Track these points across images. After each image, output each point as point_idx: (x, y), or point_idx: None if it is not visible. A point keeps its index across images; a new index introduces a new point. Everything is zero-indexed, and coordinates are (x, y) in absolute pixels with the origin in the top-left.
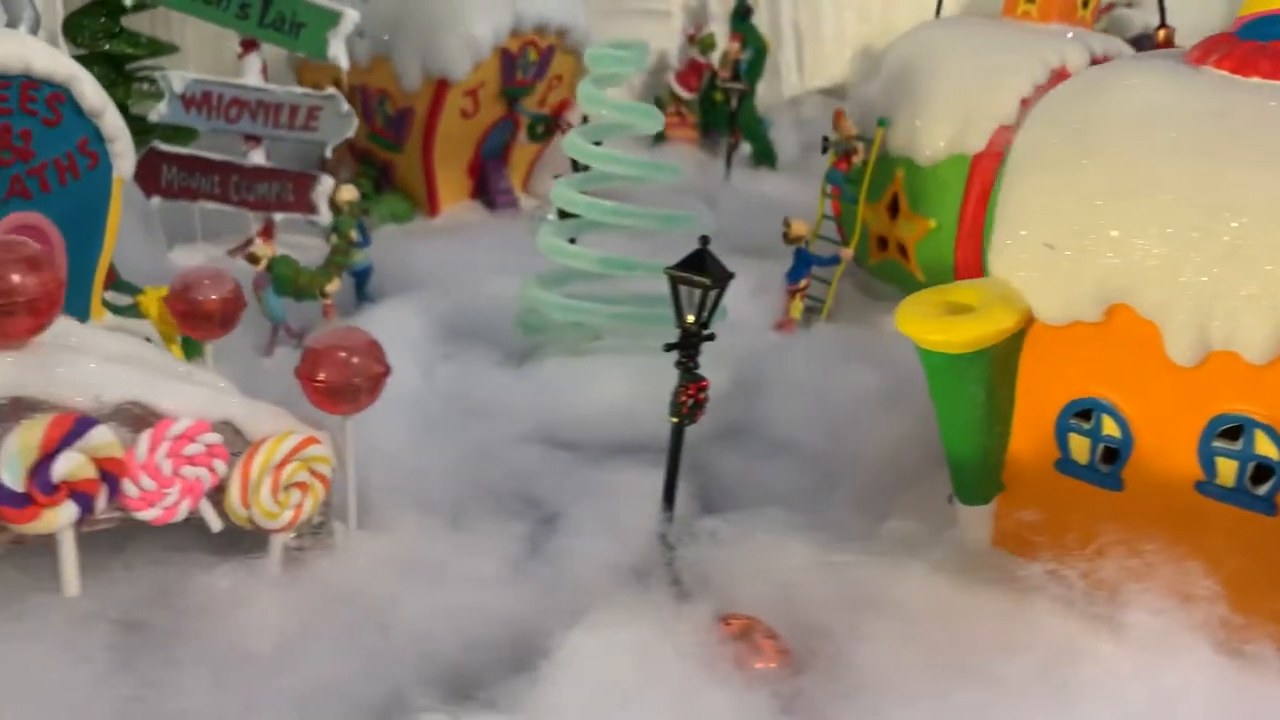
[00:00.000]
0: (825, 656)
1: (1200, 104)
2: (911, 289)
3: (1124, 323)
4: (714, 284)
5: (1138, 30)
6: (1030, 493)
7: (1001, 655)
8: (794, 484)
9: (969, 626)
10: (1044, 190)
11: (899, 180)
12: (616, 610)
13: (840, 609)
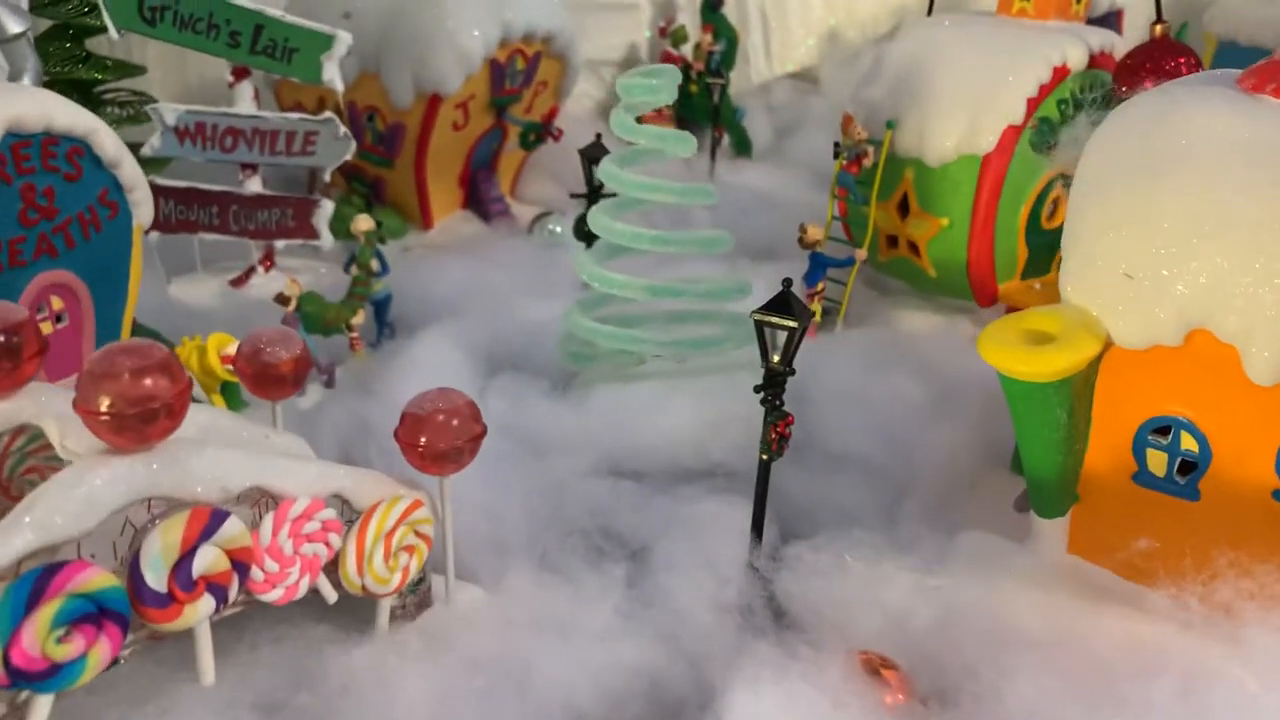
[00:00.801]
0: (966, 692)
1: (1267, 134)
2: (923, 284)
3: (1203, 346)
4: (800, 325)
5: (1104, 9)
6: (1107, 504)
7: (1139, 681)
8: (863, 501)
9: (1098, 652)
10: (1116, 220)
11: (908, 180)
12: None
13: (961, 637)
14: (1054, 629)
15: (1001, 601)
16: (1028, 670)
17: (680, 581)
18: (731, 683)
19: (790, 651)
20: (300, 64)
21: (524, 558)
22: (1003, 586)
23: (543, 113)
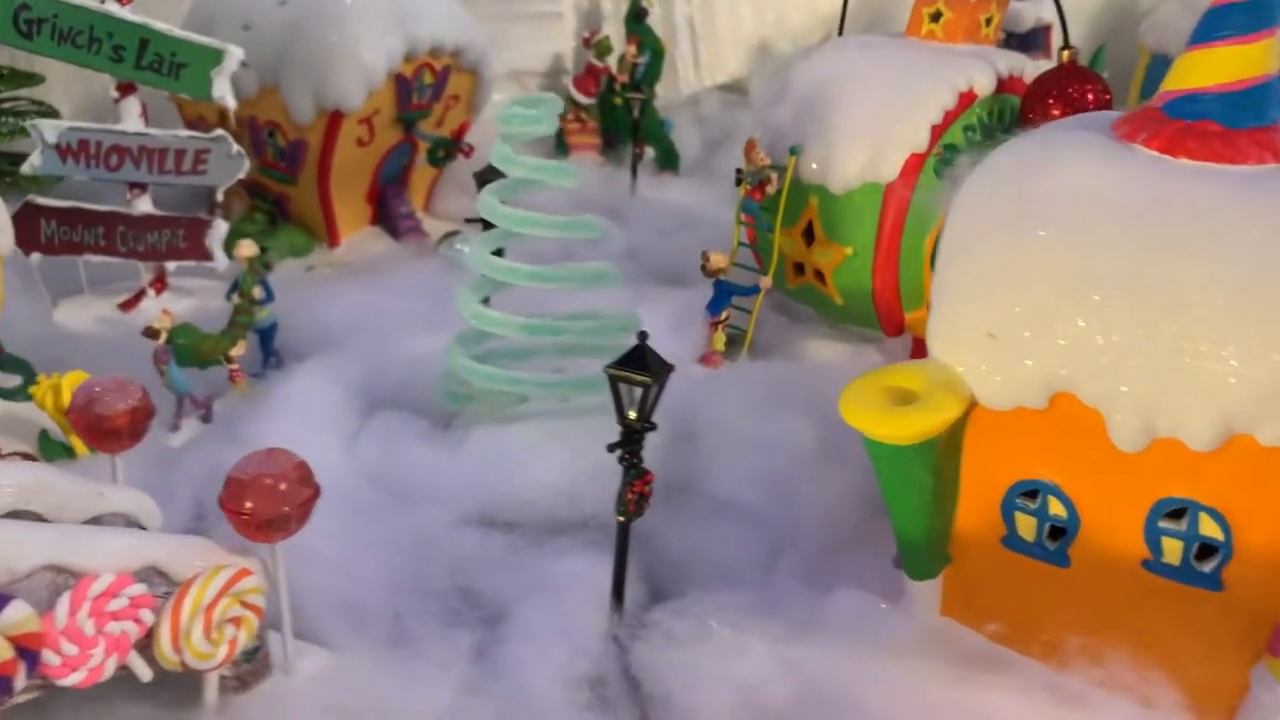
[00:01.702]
0: None
1: (1136, 190)
2: (831, 313)
3: (1068, 410)
4: (654, 380)
5: (1030, 25)
6: (977, 567)
7: None
8: (740, 553)
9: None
10: (981, 276)
11: (813, 207)
12: None
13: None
14: (913, 704)
15: (862, 672)
16: None
17: (533, 652)
18: None
19: None
20: (189, 80)
21: (375, 623)
22: (866, 655)
23: (454, 127)
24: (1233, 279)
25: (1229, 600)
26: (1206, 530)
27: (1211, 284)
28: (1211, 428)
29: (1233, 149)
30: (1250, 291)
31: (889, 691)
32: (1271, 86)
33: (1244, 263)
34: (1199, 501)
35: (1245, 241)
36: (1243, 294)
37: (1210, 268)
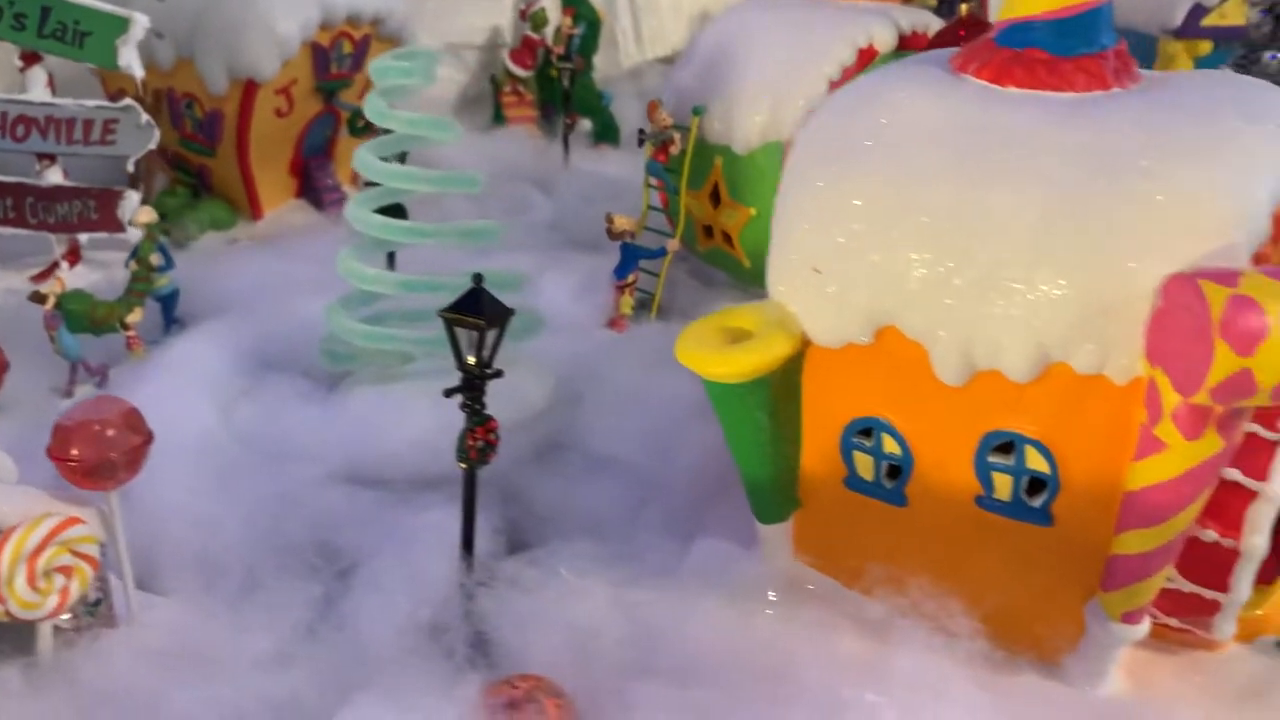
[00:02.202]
0: (609, 715)
1: (958, 120)
2: (740, 275)
3: (894, 344)
4: (489, 324)
5: None
6: (824, 509)
7: (774, 710)
8: (609, 506)
9: (744, 679)
10: (806, 212)
11: (718, 168)
12: (399, 681)
13: (629, 661)
14: (738, 643)
15: (694, 614)
16: (663, 704)
17: (377, 601)
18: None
19: (446, 673)
20: (93, 48)
21: (228, 576)
22: (704, 598)
23: None
24: (1041, 205)
25: (1060, 535)
26: (1034, 464)
27: (1020, 211)
28: (1027, 357)
29: (1058, 76)
30: (1057, 217)
31: (716, 631)
32: (1102, 12)
33: (1052, 190)
34: (1024, 435)
35: (1054, 169)
36: (1050, 220)
37: (1019, 195)
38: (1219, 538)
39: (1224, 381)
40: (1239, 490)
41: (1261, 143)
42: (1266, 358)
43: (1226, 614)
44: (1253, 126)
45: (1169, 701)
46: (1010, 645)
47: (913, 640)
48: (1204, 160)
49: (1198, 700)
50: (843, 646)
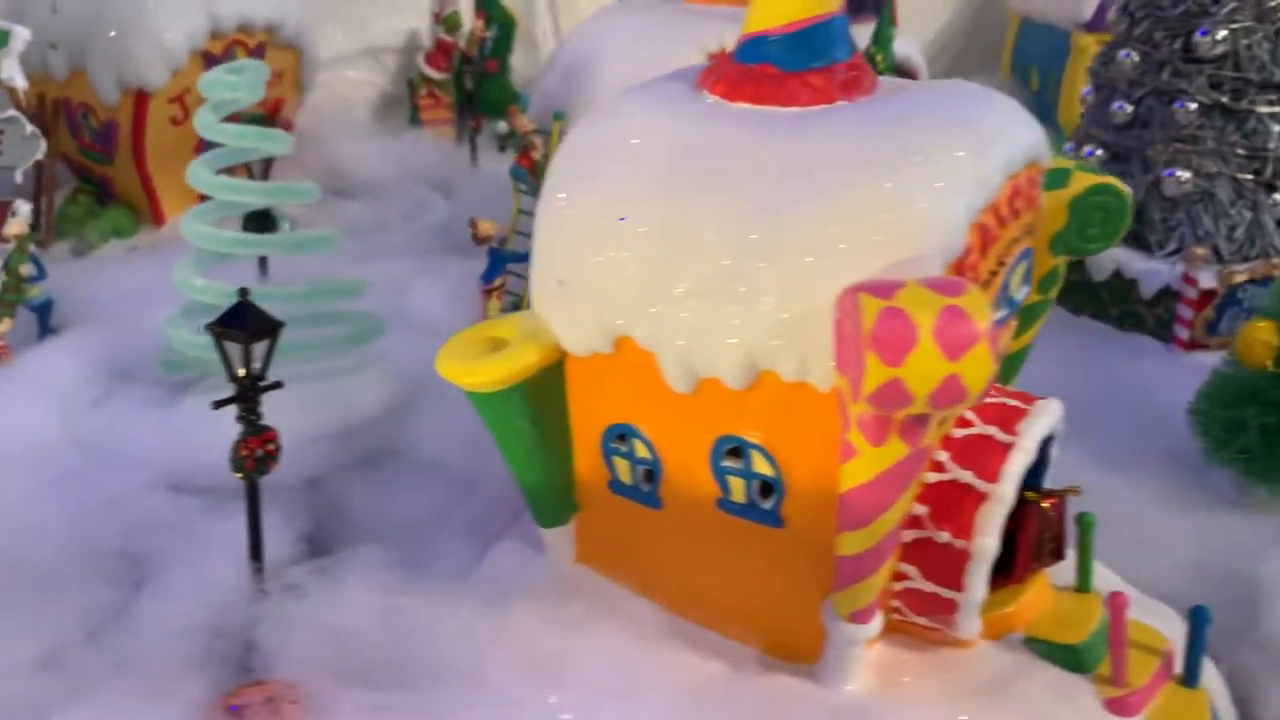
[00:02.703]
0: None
1: (680, 136)
2: None
3: (631, 353)
4: (252, 337)
5: None
6: (597, 513)
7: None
8: (422, 512)
9: (451, 680)
10: (551, 226)
11: None
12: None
13: (374, 664)
14: (504, 649)
15: (461, 618)
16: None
17: (162, 608)
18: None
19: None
20: None
21: (30, 582)
22: (458, 607)
23: (282, 104)
24: (742, 218)
25: (791, 537)
26: (760, 468)
27: (723, 225)
28: (737, 365)
29: (784, 91)
30: (756, 229)
31: (467, 634)
32: (832, 26)
33: (755, 204)
34: (748, 439)
35: (757, 182)
36: (749, 232)
37: (725, 209)
38: (952, 539)
39: (877, 390)
40: (971, 492)
41: (962, 155)
42: (915, 368)
43: (965, 613)
44: (957, 139)
45: (906, 698)
46: (764, 645)
47: (662, 640)
48: (896, 173)
49: (936, 696)
50: (583, 645)
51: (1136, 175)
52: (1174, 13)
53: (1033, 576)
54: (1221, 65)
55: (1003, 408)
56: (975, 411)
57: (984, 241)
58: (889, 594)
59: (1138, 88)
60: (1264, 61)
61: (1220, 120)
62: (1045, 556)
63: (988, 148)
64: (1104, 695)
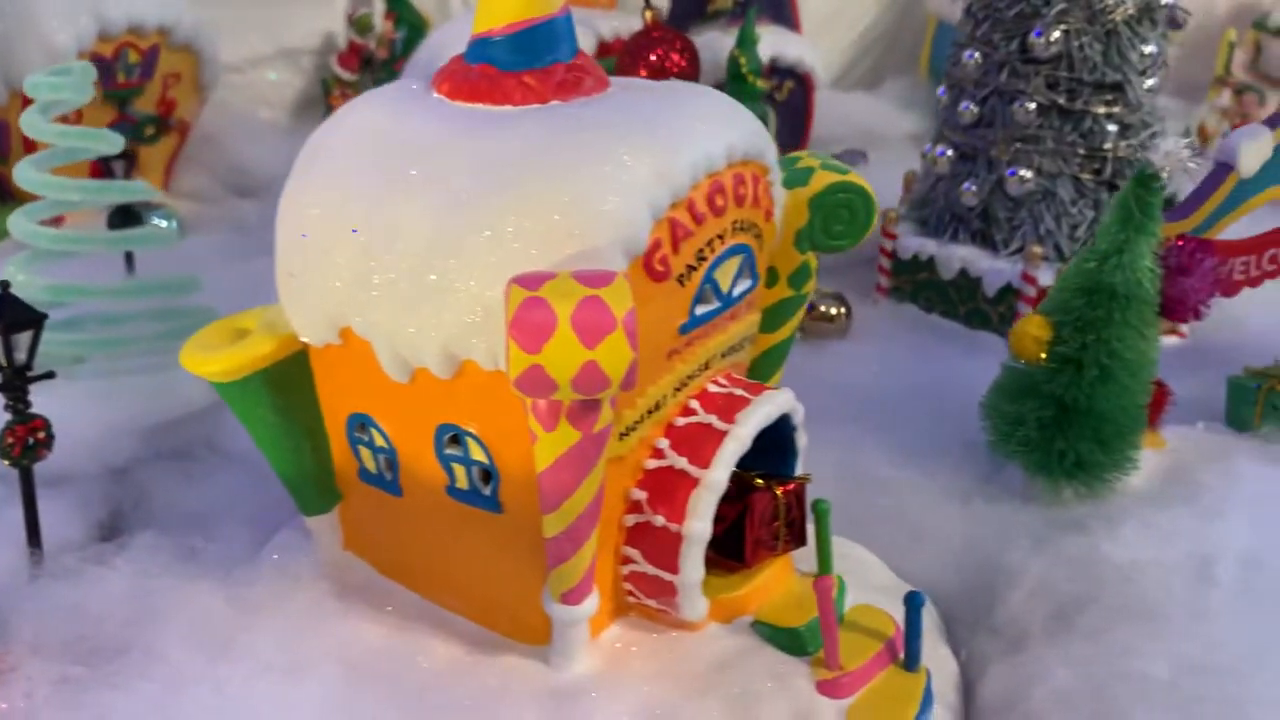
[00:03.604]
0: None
1: (394, 134)
2: None
3: (355, 344)
4: (10, 328)
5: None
6: (354, 501)
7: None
8: (222, 501)
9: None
10: (283, 220)
11: None
12: None
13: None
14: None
15: (195, 600)
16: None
17: None
18: None
19: None
20: None
21: None
22: (211, 587)
23: (182, 105)
24: (437, 214)
25: (511, 521)
26: (476, 455)
27: (421, 220)
28: (438, 356)
29: (499, 91)
30: (446, 224)
31: (197, 617)
32: (553, 26)
33: (447, 199)
34: (462, 427)
35: (455, 179)
36: (440, 227)
37: (421, 205)
38: (667, 523)
39: (521, 376)
40: (685, 478)
41: (647, 153)
42: (553, 355)
43: (684, 595)
44: (645, 137)
45: (625, 678)
46: (504, 628)
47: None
48: (575, 170)
49: (654, 677)
50: (265, 623)
51: (982, 175)
52: (1010, 14)
53: (767, 561)
54: (1057, 66)
55: (730, 398)
56: (700, 400)
57: (676, 237)
58: (622, 577)
59: (982, 88)
60: (1096, 62)
61: (1058, 120)
62: (782, 542)
63: (679, 146)
64: (818, 677)
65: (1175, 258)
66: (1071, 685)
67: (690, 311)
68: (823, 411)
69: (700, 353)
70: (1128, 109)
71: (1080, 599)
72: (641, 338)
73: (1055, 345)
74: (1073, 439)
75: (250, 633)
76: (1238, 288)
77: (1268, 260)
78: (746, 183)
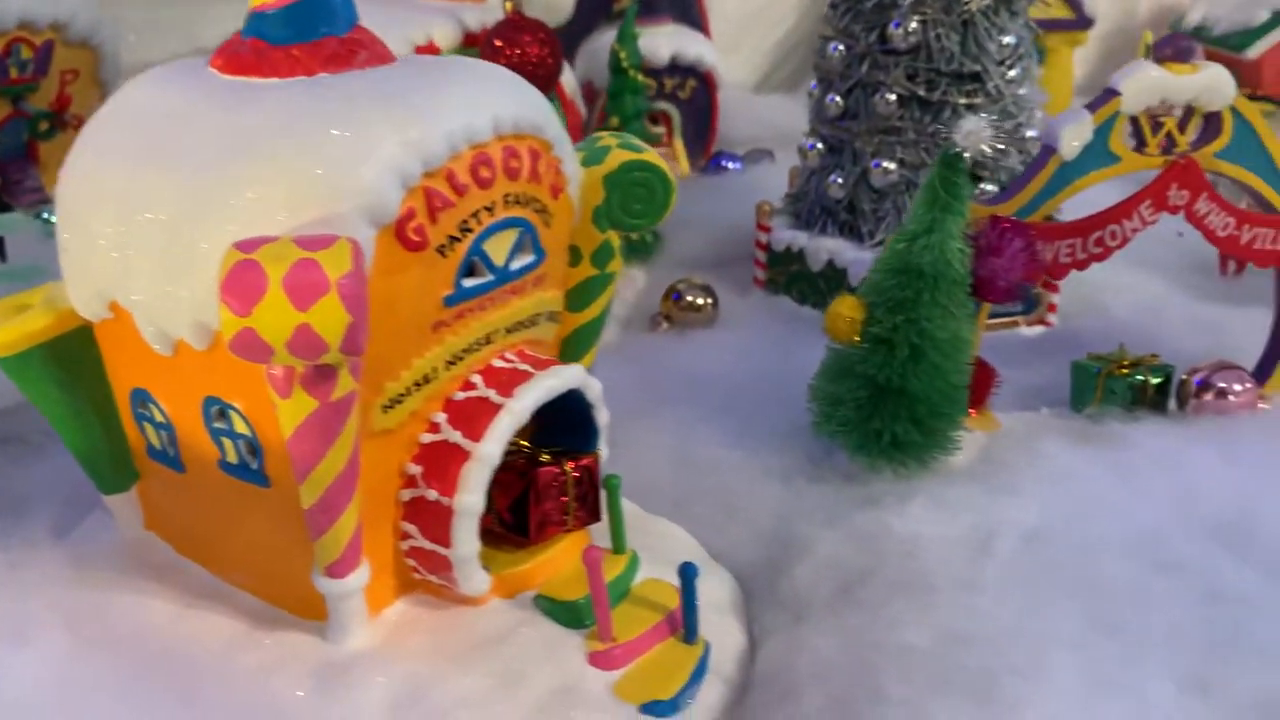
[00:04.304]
0: None
1: (162, 107)
2: None
3: (124, 316)
4: None
5: None
6: (148, 479)
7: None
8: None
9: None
10: (59, 192)
11: None
12: None
13: None
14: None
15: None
16: None
17: None
18: None
19: None
20: None
21: None
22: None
23: (84, 101)
24: (184, 185)
25: (278, 494)
26: (240, 428)
27: (171, 191)
28: (191, 327)
29: (266, 64)
30: (194, 195)
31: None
32: (327, 1)
33: (195, 171)
34: (224, 400)
35: (205, 151)
36: (189, 198)
37: (172, 176)
38: (440, 497)
39: (234, 340)
40: (458, 451)
41: (396, 122)
42: (264, 317)
43: (461, 569)
44: (396, 107)
45: (397, 653)
46: (286, 604)
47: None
48: (319, 138)
49: (428, 651)
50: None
51: (848, 167)
52: (869, 5)
53: (556, 537)
54: (916, 57)
55: (513, 372)
56: (482, 375)
57: (433, 207)
58: (403, 553)
59: (846, 80)
60: (953, 53)
61: (918, 111)
62: (573, 518)
63: (435, 116)
64: (589, 649)
65: (985, 238)
66: (834, 656)
67: (456, 283)
68: (667, 396)
69: (476, 326)
70: (988, 99)
71: (863, 572)
72: (400, 308)
73: (869, 326)
74: (888, 419)
75: (31, 613)
76: (1064, 271)
77: (1094, 243)
78: (521, 156)
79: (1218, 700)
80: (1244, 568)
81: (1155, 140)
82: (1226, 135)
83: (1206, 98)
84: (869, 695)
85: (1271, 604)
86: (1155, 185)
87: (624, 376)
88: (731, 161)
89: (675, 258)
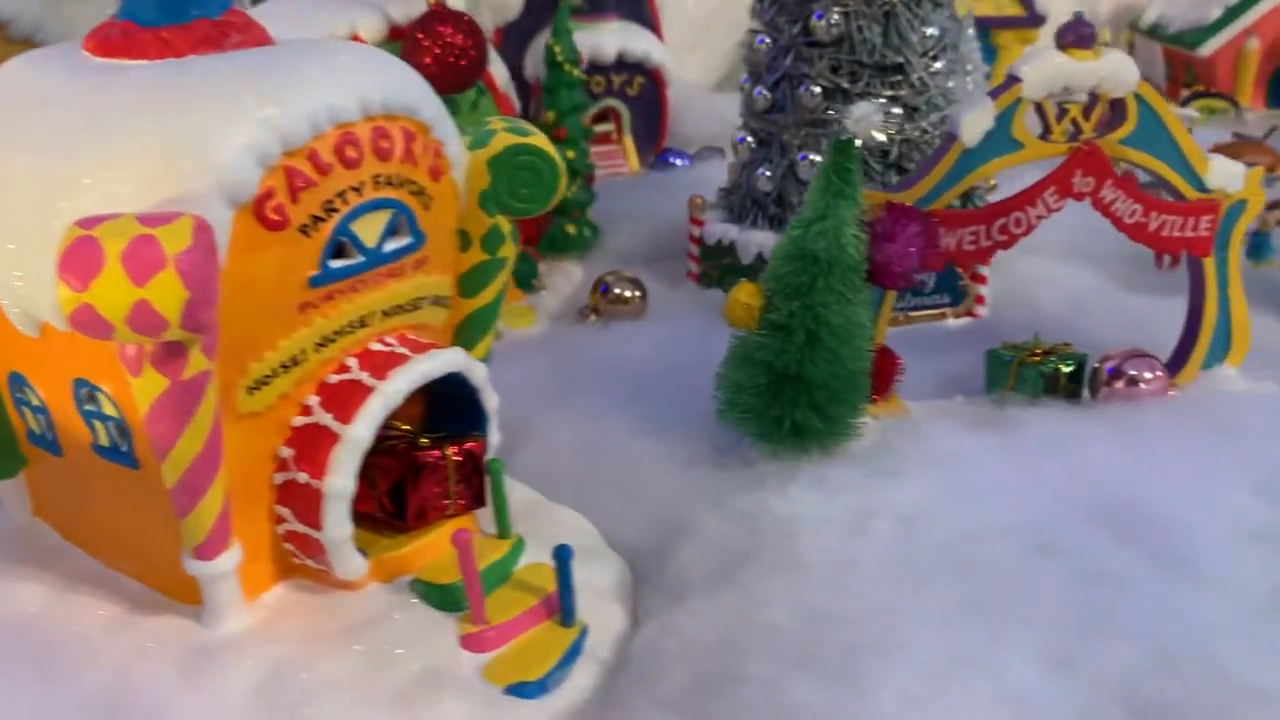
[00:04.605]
0: None
1: (29, 89)
2: None
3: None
4: None
5: None
6: (33, 465)
7: None
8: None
9: None
10: None
11: None
12: None
13: None
14: None
15: None
16: None
17: None
18: None
19: None
20: None
21: None
22: None
23: None
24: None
25: (147, 476)
26: (108, 410)
27: (26, 169)
28: (51, 306)
29: (135, 46)
30: (48, 173)
31: None
32: None
33: (52, 152)
34: (91, 381)
35: (64, 132)
36: (43, 177)
37: (27, 155)
38: (310, 480)
39: (73, 315)
40: (328, 434)
41: (252, 101)
42: (101, 293)
43: (334, 553)
44: (254, 87)
45: (270, 636)
46: (164, 588)
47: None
48: (178, 119)
49: (301, 634)
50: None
51: (776, 160)
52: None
53: (436, 522)
54: (839, 49)
55: (390, 355)
56: (357, 358)
57: (294, 186)
58: (281, 537)
59: (773, 73)
60: (875, 44)
61: (842, 103)
62: (455, 502)
63: (296, 96)
64: (462, 632)
65: (880, 224)
66: (703, 636)
67: (322, 264)
68: (582, 386)
69: (348, 309)
70: (912, 91)
71: (743, 553)
72: (261, 287)
73: (767, 313)
74: (788, 406)
75: None
76: (967, 258)
77: (997, 230)
78: (392, 137)
79: (1079, 679)
80: (1123, 551)
81: (1060, 127)
82: (1132, 122)
83: (1109, 84)
84: (730, 675)
85: (1146, 586)
86: (1059, 172)
87: (542, 367)
88: (679, 158)
89: (613, 252)
